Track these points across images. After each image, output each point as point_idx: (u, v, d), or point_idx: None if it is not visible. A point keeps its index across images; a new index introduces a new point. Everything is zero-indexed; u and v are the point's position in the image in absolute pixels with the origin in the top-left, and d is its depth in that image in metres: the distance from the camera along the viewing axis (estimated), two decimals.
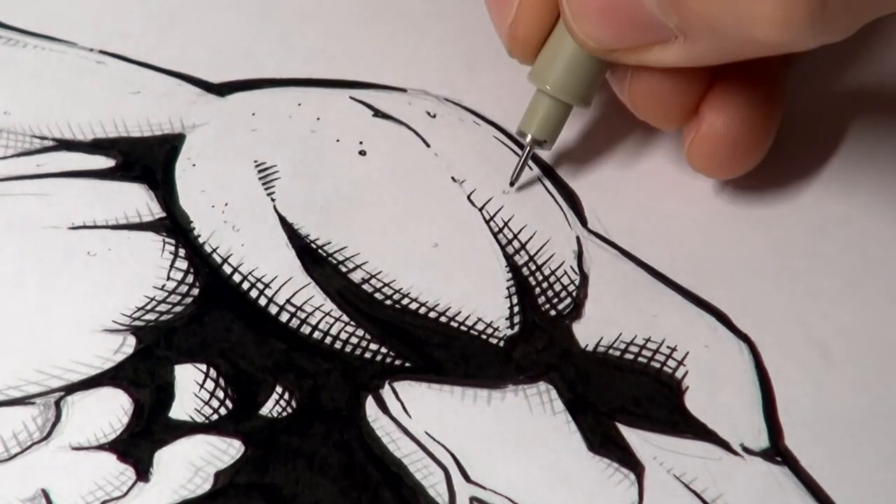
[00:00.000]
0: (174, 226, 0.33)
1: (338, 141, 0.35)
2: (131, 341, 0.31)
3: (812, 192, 0.35)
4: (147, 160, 0.34)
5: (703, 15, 0.27)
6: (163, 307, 0.31)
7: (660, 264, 0.33)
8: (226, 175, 0.34)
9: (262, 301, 0.32)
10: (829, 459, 0.30)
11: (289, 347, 0.31)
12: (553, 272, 0.33)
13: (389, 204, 0.34)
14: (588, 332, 0.32)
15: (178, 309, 0.31)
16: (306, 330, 0.31)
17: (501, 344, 0.31)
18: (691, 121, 0.32)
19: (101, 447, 0.29)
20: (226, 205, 0.34)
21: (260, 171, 0.34)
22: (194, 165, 0.34)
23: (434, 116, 0.36)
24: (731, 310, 0.32)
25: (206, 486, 0.29)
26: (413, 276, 0.32)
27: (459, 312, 0.32)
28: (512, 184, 0.34)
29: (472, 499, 0.29)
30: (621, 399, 0.31)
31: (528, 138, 0.33)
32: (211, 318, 0.31)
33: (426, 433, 0.30)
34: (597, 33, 0.30)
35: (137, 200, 0.33)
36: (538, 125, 0.33)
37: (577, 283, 0.33)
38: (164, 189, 0.34)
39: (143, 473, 0.29)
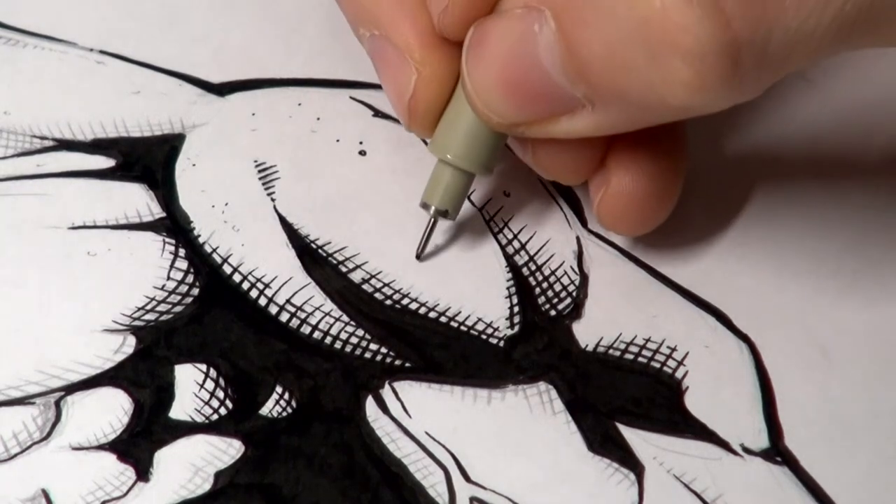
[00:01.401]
0: (174, 226, 0.33)
1: (338, 141, 0.35)
2: (131, 341, 0.31)
3: (812, 192, 0.35)
4: (147, 160, 0.34)
5: (613, 83, 0.26)
6: (163, 307, 0.31)
7: (660, 264, 0.33)
8: (226, 175, 0.34)
9: (262, 301, 0.32)
10: (829, 459, 0.30)
11: (289, 347, 0.31)
12: (553, 272, 0.33)
13: (389, 204, 0.34)
14: (588, 332, 0.32)
15: (178, 309, 0.31)
16: (306, 330, 0.31)
17: (501, 344, 0.31)
18: (597, 176, 0.31)
19: (101, 447, 0.29)
20: (226, 205, 0.34)
21: (260, 171, 0.34)
22: (194, 165, 0.34)
23: None
24: (731, 310, 0.32)
25: (206, 486, 0.29)
26: (413, 276, 0.32)
27: (459, 312, 0.32)
28: (418, 257, 0.33)
29: (472, 499, 0.29)
30: (621, 399, 0.31)
31: (432, 210, 0.32)
32: (211, 318, 0.31)
33: (426, 433, 0.30)
34: (501, 108, 0.28)
35: (137, 200, 0.33)
36: (441, 197, 0.31)
37: (577, 283, 0.33)
38: (164, 189, 0.34)
39: (143, 473, 0.29)
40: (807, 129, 0.36)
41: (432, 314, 0.32)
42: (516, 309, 0.32)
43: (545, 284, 0.33)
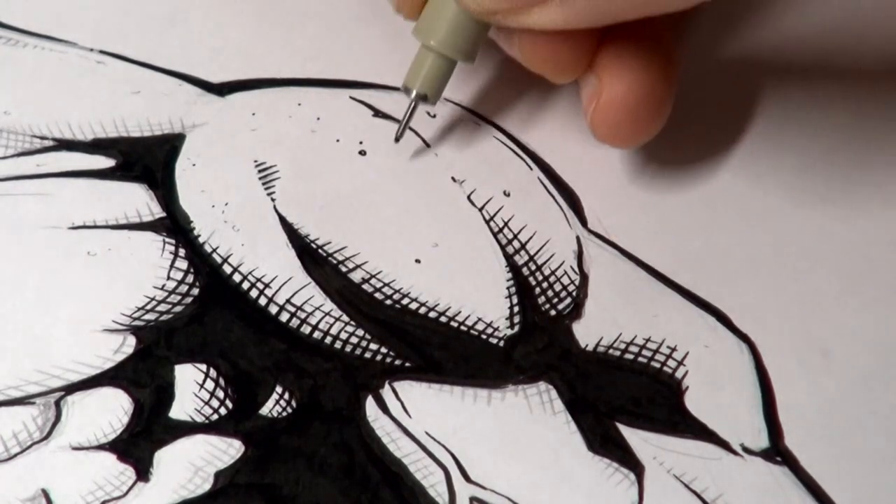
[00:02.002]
0: (174, 226, 0.33)
1: (338, 141, 0.35)
2: (131, 341, 0.31)
3: (812, 192, 0.35)
4: (147, 160, 0.34)
5: None
6: (163, 307, 0.31)
7: (660, 264, 0.33)
8: (226, 175, 0.34)
9: (262, 301, 0.32)
10: (829, 459, 0.30)
11: (289, 347, 0.31)
12: (553, 272, 0.33)
13: (389, 204, 0.34)
14: (588, 332, 0.32)
15: (178, 309, 0.31)
16: (306, 330, 0.31)
17: (501, 344, 0.31)
18: (589, 86, 0.32)
19: (101, 447, 0.29)
20: (226, 205, 0.34)
21: (260, 171, 0.34)
22: (194, 165, 0.34)
23: (434, 116, 0.36)
24: (731, 310, 0.32)
25: (206, 486, 0.29)
26: (413, 276, 0.32)
27: (459, 312, 0.32)
28: (397, 140, 0.34)
29: (472, 499, 0.29)
30: (621, 399, 0.31)
31: (413, 93, 0.33)
32: (211, 318, 0.31)
33: (426, 433, 0.30)
34: None
35: (137, 200, 0.33)
36: (422, 80, 0.33)
37: (577, 283, 0.33)
38: (164, 189, 0.34)
39: (143, 473, 0.29)
40: (806, 130, 0.36)
41: (432, 314, 0.32)
42: (516, 309, 0.32)
43: (545, 284, 0.33)
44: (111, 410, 0.30)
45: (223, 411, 0.30)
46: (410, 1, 0.33)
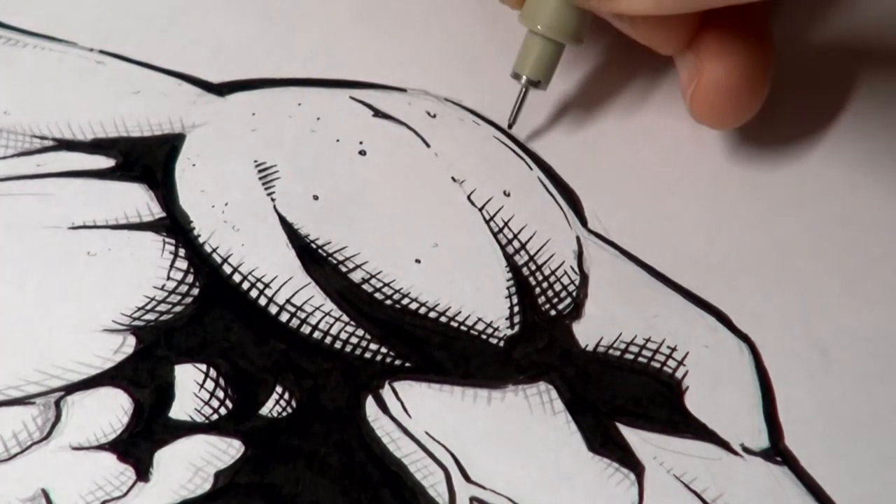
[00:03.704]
0: (174, 226, 0.33)
1: (338, 141, 0.35)
2: (131, 341, 0.31)
3: (812, 192, 0.35)
4: (147, 160, 0.34)
5: None
6: (163, 307, 0.31)
7: (660, 264, 0.33)
8: (226, 175, 0.34)
9: (262, 301, 0.32)
10: (829, 459, 0.30)
11: (289, 347, 0.31)
12: (553, 272, 0.33)
13: (389, 204, 0.34)
14: (588, 332, 0.32)
15: (178, 309, 0.31)
16: (306, 330, 0.31)
17: (501, 344, 0.31)
18: (689, 68, 0.33)
19: (101, 447, 0.29)
20: (226, 205, 0.34)
21: (260, 171, 0.34)
22: (194, 165, 0.34)
23: (434, 116, 0.36)
24: (731, 310, 0.32)
25: (206, 486, 0.29)
26: (413, 276, 0.32)
27: (459, 312, 0.32)
28: (510, 126, 0.35)
29: (472, 499, 0.29)
30: (621, 399, 0.31)
31: (523, 79, 0.34)
32: (211, 318, 0.31)
33: (426, 433, 0.30)
34: None
35: (137, 200, 0.34)
36: (532, 66, 0.34)
37: (577, 282, 0.33)
38: (164, 189, 0.34)
39: (143, 473, 0.29)
40: (805, 130, 0.36)
41: (432, 314, 0.32)
42: (516, 309, 0.32)
43: (545, 284, 0.33)
44: (111, 410, 0.30)
45: (223, 411, 0.30)
46: None
